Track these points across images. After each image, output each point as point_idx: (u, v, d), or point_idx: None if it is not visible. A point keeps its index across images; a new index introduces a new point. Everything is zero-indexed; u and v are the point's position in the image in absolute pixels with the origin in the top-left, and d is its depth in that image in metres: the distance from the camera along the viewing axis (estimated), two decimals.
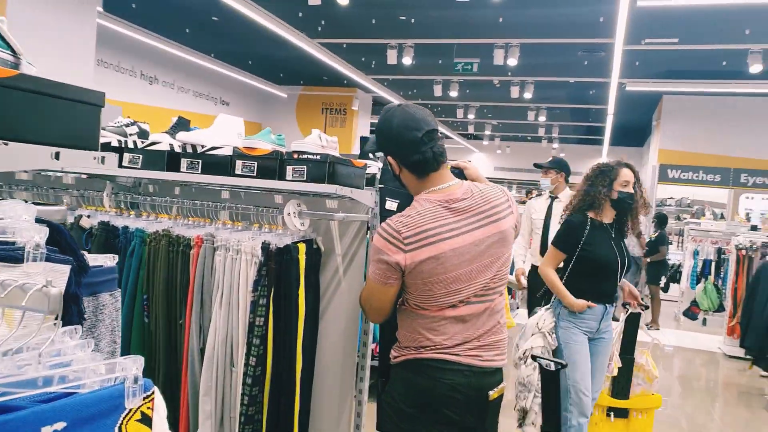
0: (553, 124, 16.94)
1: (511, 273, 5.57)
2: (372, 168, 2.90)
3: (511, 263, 2.74)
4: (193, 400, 2.47)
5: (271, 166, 2.45)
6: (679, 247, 9.54)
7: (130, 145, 2.68)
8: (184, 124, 2.79)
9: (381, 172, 2.65)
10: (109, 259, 1.37)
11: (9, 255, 0.97)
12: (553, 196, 5.11)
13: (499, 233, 1.95)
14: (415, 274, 1.89)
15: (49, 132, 1.12)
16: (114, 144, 2.73)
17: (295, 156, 2.42)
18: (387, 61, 9.68)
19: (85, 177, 3.29)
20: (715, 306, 7.01)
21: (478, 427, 1.95)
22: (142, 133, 2.86)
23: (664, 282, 10.36)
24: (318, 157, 2.39)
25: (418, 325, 1.95)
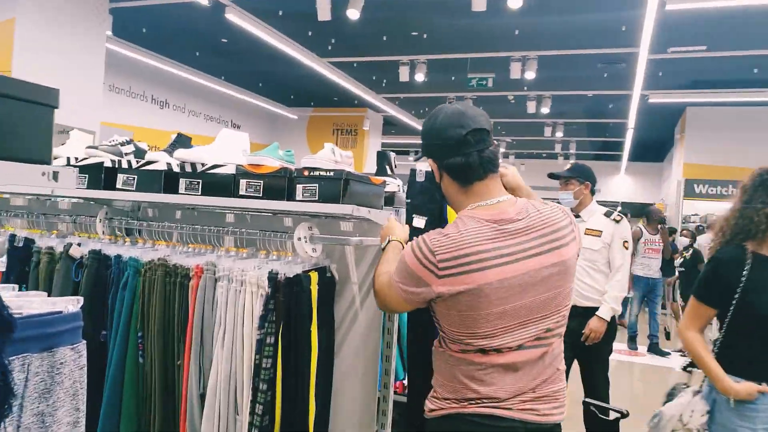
0: (570, 139, 16.61)
1: None
2: (391, 186, 2.62)
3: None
4: None
5: (279, 185, 2.17)
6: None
7: (124, 165, 2.42)
8: (184, 142, 2.53)
9: (408, 185, 2.35)
10: (72, 303, 1.08)
11: None
12: (575, 214, 3.97)
13: (560, 263, 1.59)
14: (451, 304, 1.55)
15: None
16: (107, 164, 2.47)
17: (306, 173, 2.14)
18: (399, 79, 9.47)
19: (83, 201, 3.04)
20: None
21: None
22: (139, 152, 2.60)
23: None
24: (331, 173, 2.11)
25: (460, 372, 1.60)
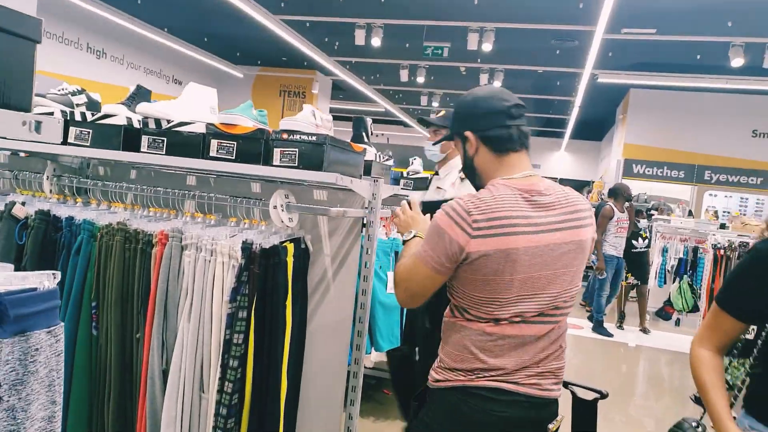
0: None
1: None
2: (368, 154, 2.48)
3: None
4: None
5: (254, 147, 2.00)
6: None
7: (77, 118, 2.18)
8: (145, 95, 2.31)
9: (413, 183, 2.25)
10: (48, 278, 0.92)
11: None
12: (435, 171, 3.53)
13: (579, 242, 1.63)
14: (477, 267, 1.54)
15: None
16: (57, 116, 2.22)
17: (285, 136, 1.98)
18: (353, 42, 9.20)
19: (24, 155, 2.76)
20: (689, 306, 6.87)
21: None
22: (92, 105, 2.36)
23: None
24: (313, 138, 1.96)
25: (471, 342, 1.60)
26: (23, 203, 2.23)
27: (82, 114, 2.18)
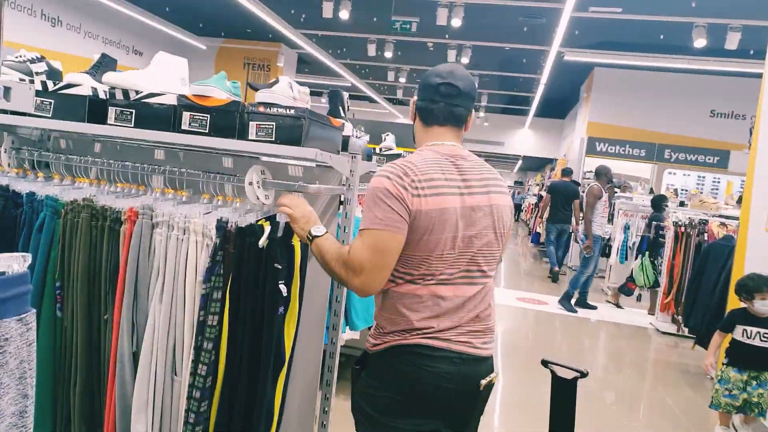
0: (482, 91, 16.78)
1: None
2: (346, 129, 2.41)
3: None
4: (122, 418, 1.94)
5: (229, 121, 1.92)
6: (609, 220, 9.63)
7: (37, 87, 2.05)
8: (110, 64, 2.18)
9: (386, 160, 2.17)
10: (17, 261, 0.84)
11: None
12: None
13: (498, 206, 1.76)
14: (415, 226, 1.63)
15: None
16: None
17: (261, 109, 1.90)
18: (321, 14, 9.00)
19: None
20: (651, 282, 7.04)
21: (465, 420, 1.75)
22: (53, 73, 2.22)
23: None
24: (291, 111, 1.88)
25: (403, 305, 1.68)
26: None
27: (43, 83, 2.05)
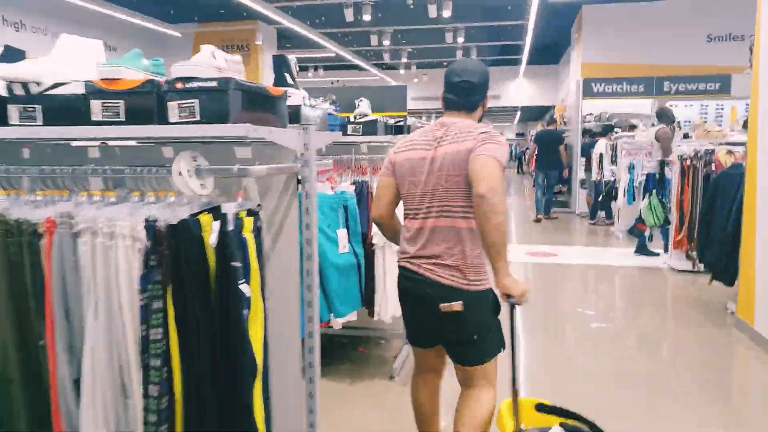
0: (470, 45, 16.29)
1: None
2: (294, 97, 2.14)
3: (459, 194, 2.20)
4: None
5: (145, 103, 1.65)
6: (613, 162, 9.30)
7: None
8: (13, 55, 1.91)
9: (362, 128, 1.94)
10: None
11: None
12: None
13: (449, 153, 2.19)
14: (395, 173, 2.36)
15: None
16: None
17: (180, 86, 1.62)
18: None
19: None
20: (661, 221, 6.76)
21: (436, 329, 2.24)
22: None
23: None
24: (214, 83, 1.61)
25: (402, 235, 2.34)
26: None
27: None
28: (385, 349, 4.22)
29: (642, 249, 7.47)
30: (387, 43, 13.96)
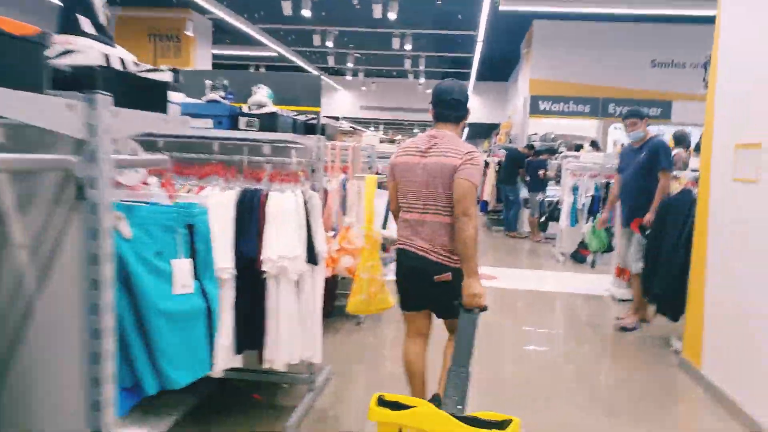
0: (419, 54, 15.76)
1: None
2: (86, 53, 1.37)
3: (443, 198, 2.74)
4: None
5: None
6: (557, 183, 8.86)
7: None
8: None
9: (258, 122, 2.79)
10: None
11: None
12: None
13: (433, 163, 2.70)
14: (394, 174, 2.89)
15: None
16: None
17: None
18: None
19: None
20: (605, 246, 6.26)
21: (429, 295, 2.83)
22: None
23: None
24: None
25: (399, 225, 2.90)
26: None
27: None
28: (285, 397, 3.45)
29: (575, 255, 6.97)
30: (331, 44, 13.24)
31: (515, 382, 3.90)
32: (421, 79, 19.48)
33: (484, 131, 27.54)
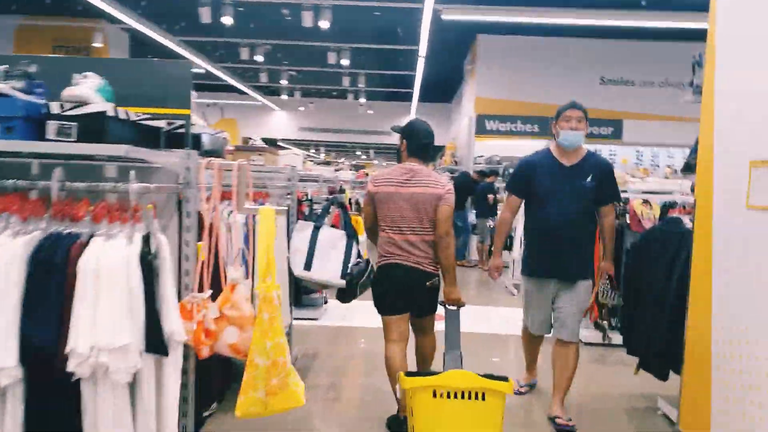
0: (358, 72, 14.90)
1: None
2: None
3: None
4: None
5: None
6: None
7: None
8: None
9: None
10: None
11: None
12: None
13: (417, 193, 3.28)
14: (376, 201, 3.39)
15: None
16: None
17: None
18: None
19: None
20: None
21: (418, 301, 3.38)
22: None
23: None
24: None
25: (383, 242, 3.41)
26: None
27: None
28: None
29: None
30: (260, 58, 12.18)
31: None
32: (362, 99, 18.63)
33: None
